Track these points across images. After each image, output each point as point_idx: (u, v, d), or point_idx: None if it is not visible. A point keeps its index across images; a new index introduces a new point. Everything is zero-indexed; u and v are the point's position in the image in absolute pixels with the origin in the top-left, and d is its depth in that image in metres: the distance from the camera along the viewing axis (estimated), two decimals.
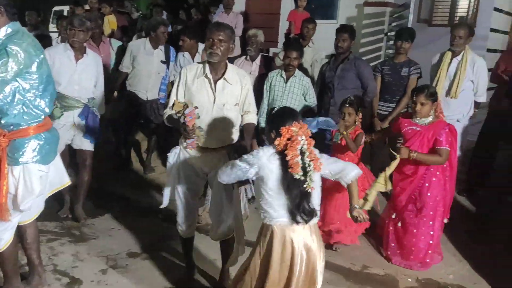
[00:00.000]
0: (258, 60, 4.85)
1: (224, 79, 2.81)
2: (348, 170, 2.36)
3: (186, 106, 2.70)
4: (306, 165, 2.18)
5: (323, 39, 5.52)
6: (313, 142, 2.25)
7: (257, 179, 2.29)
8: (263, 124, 4.34)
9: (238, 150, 2.64)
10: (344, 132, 3.63)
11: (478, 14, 7.06)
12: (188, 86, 2.83)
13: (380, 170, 3.47)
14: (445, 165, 3.46)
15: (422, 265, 3.53)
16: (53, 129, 2.73)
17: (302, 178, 2.17)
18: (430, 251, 3.52)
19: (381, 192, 3.54)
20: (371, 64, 5.64)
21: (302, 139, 2.19)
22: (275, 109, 2.46)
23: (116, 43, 5.62)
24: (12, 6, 2.52)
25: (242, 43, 6.77)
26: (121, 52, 5.36)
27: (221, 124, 2.82)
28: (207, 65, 2.82)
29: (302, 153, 2.19)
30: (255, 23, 7.42)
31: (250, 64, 4.85)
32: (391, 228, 3.65)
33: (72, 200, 4.17)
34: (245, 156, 2.29)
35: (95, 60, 3.98)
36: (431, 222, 3.48)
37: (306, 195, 2.22)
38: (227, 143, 2.89)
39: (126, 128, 5.47)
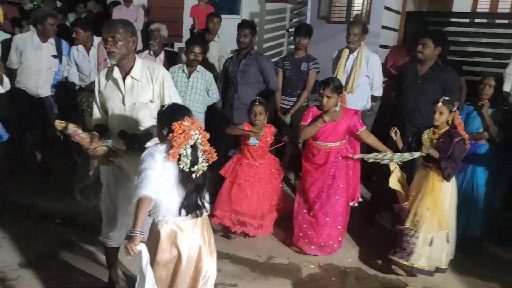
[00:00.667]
0: (162, 55, 4.74)
1: (131, 76, 2.68)
2: None
3: (66, 127, 2.52)
4: (199, 159, 2.22)
5: (227, 34, 5.53)
6: (207, 135, 2.28)
7: None
8: None
9: None
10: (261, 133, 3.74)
11: (371, 12, 7.53)
12: (102, 91, 2.74)
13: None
14: (345, 150, 3.65)
15: (331, 250, 3.69)
16: None
17: (187, 170, 2.20)
18: (338, 237, 3.69)
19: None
20: (274, 59, 5.78)
21: (195, 134, 2.20)
22: (165, 106, 2.42)
23: (3, 36, 5.14)
24: None
25: (145, 38, 6.58)
26: (8, 46, 4.92)
27: (135, 125, 2.70)
28: (115, 66, 2.70)
29: (195, 147, 2.21)
30: (158, 17, 7.25)
31: (154, 59, 4.73)
32: (300, 218, 3.75)
33: None
34: (144, 164, 2.20)
35: None
36: (340, 209, 3.65)
37: (200, 189, 2.27)
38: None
39: (18, 128, 5.03)
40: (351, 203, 3.76)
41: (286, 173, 4.20)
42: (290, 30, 7.56)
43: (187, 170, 2.21)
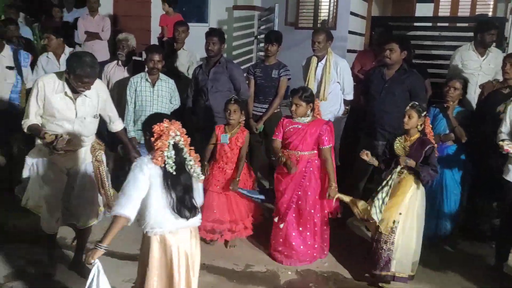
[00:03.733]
0: (131, 65, 4.68)
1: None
2: None
3: (56, 139, 2.79)
4: (185, 160, 2.30)
5: (195, 43, 5.51)
6: (189, 139, 2.35)
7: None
8: (132, 133, 4.25)
9: None
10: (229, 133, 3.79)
11: (337, 18, 7.65)
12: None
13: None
14: (316, 161, 3.65)
15: (310, 259, 3.68)
16: None
17: (175, 172, 2.26)
18: (316, 246, 3.67)
19: None
20: (243, 66, 5.79)
21: (176, 134, 2.27)
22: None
23: None
24: None
25: (112, 47, 6.48)
26: None
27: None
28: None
29: (178, 149, 2.28)
30: (125, 26, 7.16)
31: (123, 70, 4.68)
32: (276, 230, 3.70)
33: None
34: (130, 175, 2.24)
35: None
36: (315, 220, 3.63)
37: (189, 190, 2.33)
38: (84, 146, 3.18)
39: None
40: (330, 216, 3.73)
41: (258, 180, 4.20)
42: (258, 37, 7.61)
43: (173, 172, 2.25)
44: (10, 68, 4.62)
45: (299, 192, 3.61)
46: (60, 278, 3.33)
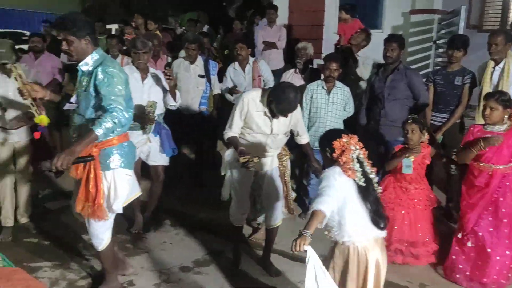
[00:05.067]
0: (308, 73, 4.84)
1: None
2: None
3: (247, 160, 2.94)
4: (368, 173, 2.35)
5: (367, 49, 5.42)
6: (366, 152, 2.38)
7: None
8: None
9: None
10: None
11: None
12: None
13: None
14: None
15: (497, 286, 3.29)
16: (130, 139, 3.01)
17: (364, 184, 2.31)
18: (505, 271, 3.26)
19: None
20: (421, 72, 5.49)
21: (355, 149, 2.32)
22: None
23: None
24: (94, 33, 2.80)
25: (286, 56, 6.79)
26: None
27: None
28: None
29: (360, 162, 2.32)
30: (299, 35, 7.42)
31: (300, 77, 4.85)
32: (457, 248, 3.41)
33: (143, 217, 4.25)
34: (324, 182, 2.31)
35: (158, 76, 4.05)
36: (507, 241, 3.25)
37: (379, 200, 2.38)
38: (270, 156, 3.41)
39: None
40: None
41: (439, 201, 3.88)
42: (437, 42, 7.13)
43: (362, 184, 2.31)
44: (201, 76, 5.16)
45: (490, 208, 3.26)
46: (245, 269, 3.60)
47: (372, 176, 2.37)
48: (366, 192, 2.32)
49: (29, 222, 4.21)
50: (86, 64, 2.76)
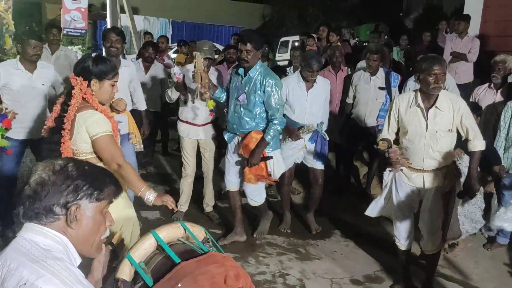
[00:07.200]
0: (505, 88, 4.35)
1: (435, 107, 2.99)
2: None
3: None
4: None
5: None
6: None
7: None
8: (502, 161, 3.91)
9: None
10: None
11: None
12: (401, 115, 3.13)
13: None
14: None
15: None
16: None
17: None
18: None
19: None
20: None
21: None
22: None
23: None
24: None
25: (476, 69, 6.20)
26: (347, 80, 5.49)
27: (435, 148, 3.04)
28: (419, 94, 3.04)
29: None
30: (493, 47, 6.70)
31: (494, 93, 4.40)
32: None
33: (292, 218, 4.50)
34: None
35: (324, 87, 4.28)
36: None
37: None
38: (442, 166, 3.08)
39: (349, 154, 5.54)
40: None
41: None
42: None
43: None
44: (381, 88, 5.06)
45: None
46: None
47: None
48: None
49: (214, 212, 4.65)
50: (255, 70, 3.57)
